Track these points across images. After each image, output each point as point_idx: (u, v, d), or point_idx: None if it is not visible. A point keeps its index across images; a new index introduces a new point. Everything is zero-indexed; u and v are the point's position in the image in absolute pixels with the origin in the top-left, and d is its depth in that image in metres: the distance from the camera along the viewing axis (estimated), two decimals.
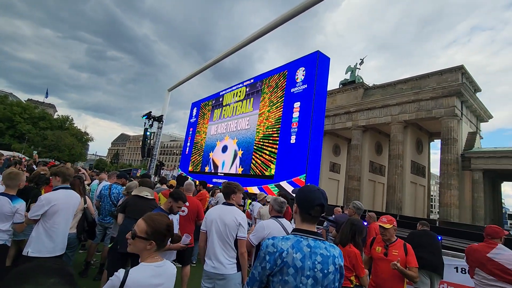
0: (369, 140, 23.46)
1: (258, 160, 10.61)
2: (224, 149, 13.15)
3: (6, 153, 14.60)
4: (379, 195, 23.86)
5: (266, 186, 9.71)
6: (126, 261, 2.99)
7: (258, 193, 6.58)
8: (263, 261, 1.29)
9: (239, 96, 13.16)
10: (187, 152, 17.13)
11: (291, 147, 9.23)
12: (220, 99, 14.85)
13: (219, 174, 12.82)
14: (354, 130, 23.05)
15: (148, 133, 18.08)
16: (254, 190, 9.92)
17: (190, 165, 15.98)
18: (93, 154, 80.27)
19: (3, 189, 2.86)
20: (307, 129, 8.81)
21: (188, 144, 17.35)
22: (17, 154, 17.85)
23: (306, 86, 9.40)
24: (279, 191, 8.60)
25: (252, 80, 12.62)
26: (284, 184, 9.03)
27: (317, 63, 9.26)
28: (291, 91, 9.96)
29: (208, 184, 12.08)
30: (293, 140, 9.27)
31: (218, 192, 6.56)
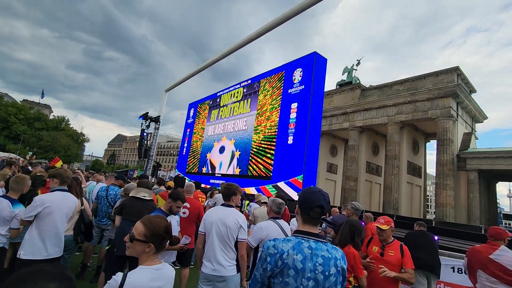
0: (366, 140, 23.58)
1: (256, 161, 10.61)
2: (222, 150, 13.13)
3: (2, 154, 14.44)
4: (375, 195, 23.97)
5: (263, 187, 9.71)
6: (124, 263, 2.96)
7: (256, 194, 6.57)
8: (264, 262, 1.29)
9: (237, 97, 13.15)
10: (184, 153, 17.08)
11: (289, 148, 9.25)
12: (218, 100, 14.84)
13: (216, 175, 12.79)
14: (351, 130, 23.15)
15: (145, 133, 17.99)
16: (252, 191, 9.92)
17: (188, 166, 15.94)
18: (89, 155, 79.71)
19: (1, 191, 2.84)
20: (305, 130, 8.83)
21: (185, 145, 17.30)
22: (13, 156, 17.67)
23: (303, 87, 9.42)
24: (276, 192, 8.61)
25: (249, 81, 12.63)
26: (282, 185, 9.04)
27: (314, 64, 9.29)
28: (289, 92, 9.98)
29: (206, 185, 12.07)
30: (290, 140, 9.28)
31: (217, 193, 6.54)
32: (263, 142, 10.54)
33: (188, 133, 17.42)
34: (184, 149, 17.22)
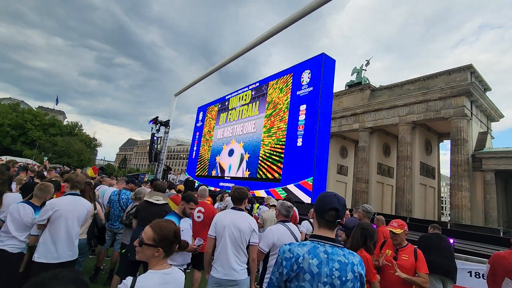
0: (376, 141, 23.22)
1: (265, 164, 10.59)
2: (231, 152, 13.18)
3: (19, 159, 14.92)
4: (387, 197, 23.52)
5: (273, 190, 9.67)
6: (138, 267, 2.99)
7: (266, 197, 6.55)
8: (280, 266, 1.30)
9: (245, 100, 13.20)
10: (193, 156, 17.22)
11: (298, 150, 9.19)
12: (226, 103, 14.92)
13: (225, 178, 12.83)
14: (361, 132, 22.85)
15: (155, 138, 18.25)
16: (261, 193, 9.90)
17: (197, 169, 16.05)
18: (101, 159, 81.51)
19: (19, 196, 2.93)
20: (314, 131, 8.77)
21: (194, 148, 17.45)
22: (30, 161, 18.23)
23: (312, 88, 9.38)
24: (286, 194, 8.56)
25: (257, 84, 12.66)
26: (292, 187, 8.99)
27: (322, 65, 9.24)
28: (297, 94, 9.94)
29: (215, 188, 12.11)
30: (299, 143, 9.23)
31: (227, 196, 6.55)
32: (272, 145, 10.52)
33: (197, 136, 17.57)
34: (194, 152, 17.36)
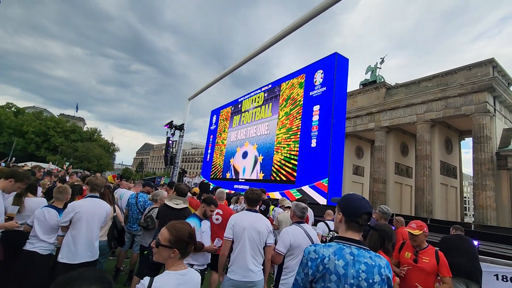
0: (393, 141, 22.61)
1: (279, 165, 10.55)
2: (245, 155, 13.23)
3: (43, 165, 15.62)
4: (406, 198, 22.82)
5: (288, 191, 9.62)
6: (160, 269, 3.05)
7: (280, 198, 6.52)
8: (306, 267, 1.30)
9: (258, 102, 13.23)
10: (208, 159, 17.41)
11: (312, 151, 9.11)
12: (239, 106, 15.01)
13: (240, 180, 12.88)
14: (377, 131, 22.34)
15: (170, 141, 18.60)
16: (276, 195, 9.86)
17: (212, 171, 16.21)
18: (119, 164, 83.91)
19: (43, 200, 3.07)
20: (328, 132, 8.66)
21: (209, 151, 17.65)
22: (53, 167, 19.05)
23: (325, 88, 9.28)
24: (300, 196, 8.49)
25: (270, 85, 12.67)
26: (306, 189, 8.90)
27: (335, 65, 9.13)
28: (310, 95, 9.87)
29: (230, 191, 12.18)
30: (313, 143, 9.14)
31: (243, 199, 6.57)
32: (286, 146, 10.48)
33: (211, 139, 17.76)
34: (208, 155, 17.56)
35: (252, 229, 2.65)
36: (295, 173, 9.62)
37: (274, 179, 10.64)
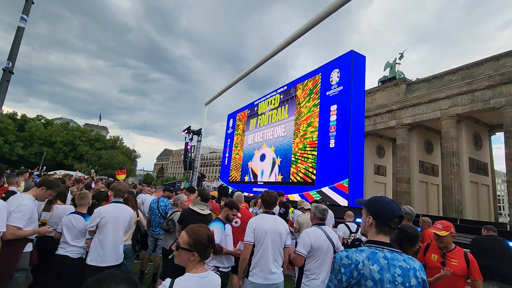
0: (416, 138, 21.74)
1: (297, 167, 10.44)
2: (262, 157, 13.22)
3: (72, 173, 16.44)
4: (433, 197, 21.80)
5: (307, 193, 9.49)
6: (182, 272, 3.10)
7: (299, 200, 6.43)
8: (339, 273, 1.28)
9: (274, 104, 13.21)
10: (226, 163, 17.57)
11: (331, 152, 8.95)
12: (255, 109, 15.06)
13: (258, 183, 12.88)
14: (398, 129, 21.59)
15: (188, 147, 18.97)
16: (295, 197, 9.76)
17: (230, 175, 16.34)
18: (141, 170, 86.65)
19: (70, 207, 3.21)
20: (347, 131, 8.48)
21: (226, 155, 17.81)
22: (80, 174, 20.02)
23: (342, 87, 9.11)
24: (321, 197, 8.34)
25: (285, 87, 12.62)
26: (326, 190, 8.74)
27: (352, 63, 8.95)
28: (327, 94, 9.72)
29: (249, 194, 12.19)
30: (332, 144, 8.98)
31: None
32: (304, 147, 10.36)
33: (228, 143, 17.92)
34: (226, 159, 17.72)
35: (274, 231, 2.66)
36: (314, 174, 9.48)
37: (292, 181, 10.54)
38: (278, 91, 13.06)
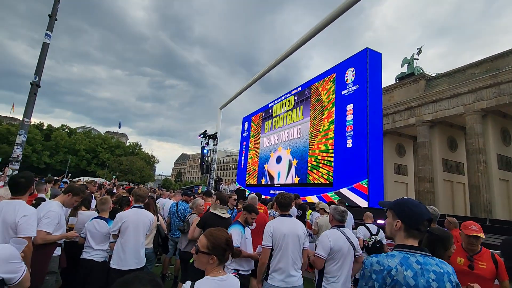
0: (438, 135, 20.88)
1: (315, 168, 10.32)
2: (278, 159, 13.17)
3: (96, 179, 17.12)
4: (459, 196, 20.80)
5: (325, 195, 9.34)
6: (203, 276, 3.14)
7: (316, 202, 6.35)
8: (370, 280, 1.25)
9: (288, 106, 13.16)
10: (242, 166, 17.65)
11: (349, 152, 8.77)
12: (270, 111, 15.06)
13: (275, 185, 12.83)
14: (419, 126, 20.83)
15: (205, 151, 19.20)
16: (313, 199, 9.63)
17: (247, 178, 16.38)
18: (159, 175, 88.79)
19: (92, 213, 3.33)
20: (364, 131, 8.29)
21: (242, 158, 17.89)
22: (102, 180, 20.82)
23: (357, 86, 8.93)
24: (339, 199, 8.18)
25: (299, 88, 12.54)
26: (345, 191, 8.57)
27: (367, 61, 8.78)
28: (342, 94, 9.57)
29: (266, 196, 12.17)
30: (349, 144, 8.81)
31: None
32: (320, 148, 10.23)
33: (244, 146, 18.01)
34: (242, 162, 17.80)
35: (292, 234, 2.65)
36: (331, 175, 9.32)
37: (310, 182, 10.42)
38: (293, 93, 13.00)
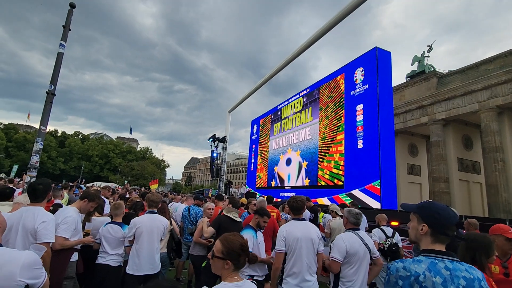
0: (453, 134, 20.34)
1: (325, 170, 10.21)
2: (288, 162, 13.10)
3: (109, 184, 17.46)
4: (476, 197, 20.15)
5: (336, 196, 9.22)
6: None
7: (329, 204, 6.27)
8: (396, 286, 1.22)
9: (297, 107, 13.10)
10: (252, 169, 17.64)
11: (359, 153, 8.65)
12: (278, 113, 15.03)
13: (286, 188, 12.76)
14: (431, 125, 20.35)
15: (214, 154, 19.31)
16: (324, 201, 9.52)
17: (257, 181, 16.36)
18: (170, 179, 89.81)
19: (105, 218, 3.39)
20: (375, 131, 8.17)
21: (252, 161, 17.89)
22: (115, 185, 21.25)
23: (367, 86, 8.82)
24: (351, 200, 8.06)
25: (308, 90, 12.48)
26: (357, 193, 8.44)
27: (376, 60, 8.66)
28: (351, 94, 9.46)
29: (276, 199, 12.12)
30: (360, 145, 8.69)
31: None
32: (330, 150, 10.13)
33: (253, 149, 18.00)
34: (252, 165, 17.79)
35: (306, 238, 2.61)
36: (343, 177, 9.20)
37: (321, 184, 10.31)
38: (301, 94, 12.95)
